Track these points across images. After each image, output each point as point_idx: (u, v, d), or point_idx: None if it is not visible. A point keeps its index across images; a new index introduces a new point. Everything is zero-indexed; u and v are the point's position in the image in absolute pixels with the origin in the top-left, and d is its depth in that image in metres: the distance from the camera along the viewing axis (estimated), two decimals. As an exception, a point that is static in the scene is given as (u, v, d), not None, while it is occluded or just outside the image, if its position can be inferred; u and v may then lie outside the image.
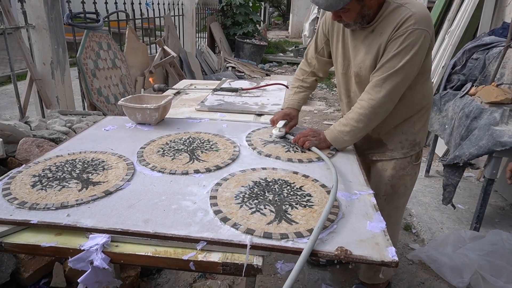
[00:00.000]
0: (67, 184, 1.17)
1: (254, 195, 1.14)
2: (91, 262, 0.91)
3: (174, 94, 2.41)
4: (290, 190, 1.18)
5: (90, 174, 1.24)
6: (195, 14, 6.79)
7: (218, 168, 1.32)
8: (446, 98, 2.80)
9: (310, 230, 0.97)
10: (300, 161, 1.41)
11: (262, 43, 9.18)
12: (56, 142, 2.15)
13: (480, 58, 2.87)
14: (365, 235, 0.97)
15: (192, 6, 6.43)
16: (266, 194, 1.15)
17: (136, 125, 1.74)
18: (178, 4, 6.13)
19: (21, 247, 0.96)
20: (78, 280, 0.95)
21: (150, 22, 5.01)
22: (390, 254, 0.90)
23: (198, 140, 1.57)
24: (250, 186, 1.19)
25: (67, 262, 0.92)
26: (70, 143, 1.52)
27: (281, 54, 10.74)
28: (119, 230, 0.96)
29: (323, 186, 1.22)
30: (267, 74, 7.86)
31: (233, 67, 7.65)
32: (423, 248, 2.35)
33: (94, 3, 3.39)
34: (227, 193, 1.15)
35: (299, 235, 0.95)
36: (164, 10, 5.42)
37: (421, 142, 1.63)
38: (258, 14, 10.57)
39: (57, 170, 1.26)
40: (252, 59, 8.55)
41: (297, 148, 1.53)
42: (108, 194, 1.12)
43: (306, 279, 2.11)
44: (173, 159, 1.37)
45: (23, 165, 1.31)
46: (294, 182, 1.23)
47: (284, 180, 1.24)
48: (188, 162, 1.35)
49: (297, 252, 0.90)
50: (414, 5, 1.35)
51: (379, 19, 1.39)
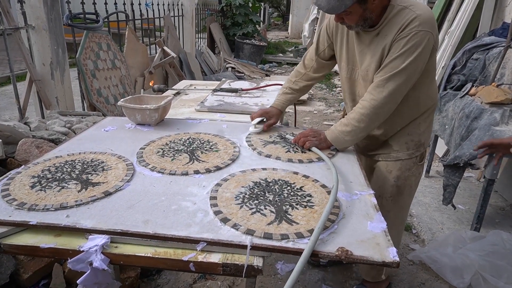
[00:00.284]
0: (67, 185, 1.16)
1: (254, 196, 1.13)
2: (91, 263, 0.90)
3: (174, 95, 2.40)
4: (290, 191, 1.17)
5: (90, 175, 1.23)
6: (195, 14, 6.79)
7: (218, 168, 1.32)
8: (446, 99, 2.80)
9: (310, 231, 0.96)
10: (300, 161, 1.41)
11: (261, 44, 9.18)
12: (55, 142, 2.14)
13: (480, 59, 2.86)
14: (366, 236, 0.97)
15: (191, 6, 6.43)
16: (266, 194, 1.14)
17: (135, 125, 1.74)
18: (177, 4, 6.13)
19: (20, 248, 0.96)
20: (78, 281, 0.94)
21: (150, 22, 5.01)
22: (391, 254, 0.90)
23: (198, 140, 1.56)
24: (250, 187, 1.19)
25: (67, 263, 0.92)
26: (69, 144, 1.52)
27: (280, 55, 10.74)
28: (119, 231, 0.95)
29: (324, 186, 1.21)
30: (267, 75, 7.86)
31: (232, 68, 7.65)
32: (424, 248, 2.34)
33: (94, 4, 3.38)
34: (227, 193, 1.14)
35: (300, 236, 0.95)
36: (164, 10, 5.42)
37: (425, 142, 1.63)
38: (258, 14, 10.58)
39: (56, 171, 1.26)
40: (251, 60, 8.55)
41: (297, 148, 1.53)
42: (107, 195, 1.12)
43: (306, 280, 2.10)
44: (173, 160, 1.37)
45: (22, 166, 1.30)
46: (294, 183, 1.23)
47: (284, 180, 1.24)
48: (188, 163, 1.35)
49: (297, 252, 0.90)
50: (419, 7, 1.35)
51: (384, 22, 1.39)
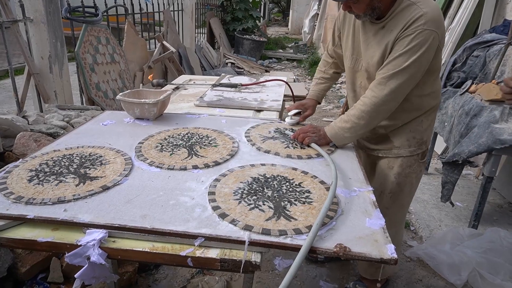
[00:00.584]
0: (64, 179, 1.16)
1: (252, 191, 1.13)
2: (88, 258, 0.90)
3: (173, 89, 2.39)
4: (289, 187, 1.17)
5: (88, 169, 1.23)
6: (195, 9, 6.76)
7: (217, 163, 1.31)
8: (446, 96, 2.79)
9: (309, 227, 0.96)
10: (299, 157, 1.41)
11: (261, 39, 9.15)
12: (53, 136, 2.13)
13: (480, 56, 2.86)
14: (364, 232, 0.97)
15: (191, 1, 6.40)
16: (265, 190, 1.14)
17: (134, 120, 1.73)
18: (177, -1, 6.10)
19: (17, 242, 0.95)
20: (75, 275, 0.94)
21: (149, 17, 4.98)
22: (389, 251, 0.90)
23: (197, 135, 1.56)
24: (249, 182, 1.18)
25: (64, 257, 0.92)
26: (67, 138, 1.51)
27: (280, 51, 10.70)
28: (117, 225, 0.95)
29: (322, 182, 1.21)
30: (267, 70, 7.83)
31: (232, 63, 7.62)
32: (421, 245, 2.35)
33: (93, -3, 3.36)
34: (226, 189, 1.14)
35: (298, 232, 0.94)
36: (163, 5, 5.38)
37: (427, 140, 1.62)
38: (258, 10, 10.53)
39: (54, 164, 1.25)
40: (251, 55, 8.52)
41: (296, 144, 1.52)
42: (105, 189, 1.11)
43: (304, 276, 2.11)
44: (171, 155, 1.36)
45: (20, 159, 1.29)
46: (293, 179, 1.22)
47: (283, 176, 1.23)
48: (186, 158, 1.34)
49: (295, 248, 0.90)
50: (427, 4, 1.33)
51: (391, 16, 1.38)
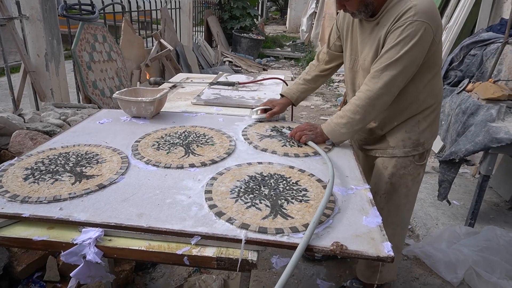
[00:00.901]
0: (60, 177, 1.15)
1: (249, 190, 1.13)
2: (84, 256, 0.90)
3: (170, 88, 2.38)
4: (286, 185, 1.17)
5: (84, 168, 1.22)
6: (192, 7, 6.73)
7: (214, 162, 1.31)
8: (443, 94, 2.80)
9: (305, 225, 0.96)
10: (296, 155, 1.40)
11: (259, 38, 9.13)
12: (50, 135, 2.12)
13: (477, 54, 2.86)
14: (361, 230, 0.97)
15: (189, -1, 6.37)
16: (262, 188, 1.14)
17: (131, 118, 1.72)
18: (175, -3, 6.07)
19: (12, 241, 0.95)
20: (71, 274, 0.94)
21: (147, 15, 4.96)
22: (386, 249, 0.90)
23: (194, 134, 1.55)
24: (246, 181, 1.18)
25: (60, 256, 0.91)
26: (64, 136, 1.50)
27: (278, 49, 10.69)
28: (113, 224, 0.94)
29: (319, 180, 1.21)
30: (264, 69, 7.83)
31: (230, 62, 7.60)
32: (418, 243, 2.36)
33: (90, -5, 3.34)
34: (223, 187, 1.14)
35: (295, 230, 0.94)
36: (160, 2, 5.36)
37: (425, 143, 1.57)
38: (256, 8, 10.50)
39: (50, 163, 1.24)
40: (249, 54, 8.51)
41: (293, 142, 1.52)
42: (101, 187, 1.11)
43: (301, 274, 2.11)
44: (168, 153, 1.36)
45: (16, 157, 1.29)
46: (290, 177, 1.22)
47: (280, 174, 1.23)
48: (183, 156, 1.34)
49: (292, 247, 0.90)
50: None
51: (384, 11, 1.38)
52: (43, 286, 1.69)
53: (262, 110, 1.74)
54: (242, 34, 8.75)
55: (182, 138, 1.50)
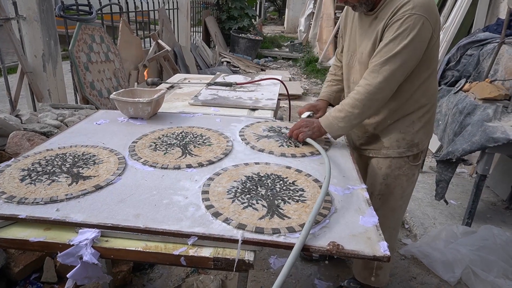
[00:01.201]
0: (57, 178, 1.15)
1: (246, 190, 1.13)
2: (81, 257, 0.90)
3: (168, 88, 2.38)
4: (282, 185, 1.17)
5: (81, 169, 1.22)
6: (190, 7, 6.73)
7: (211, 162, 1.31)
8: (440, 94, 2.81)
9: (302, 225, 0.96)
10: (293, 155, 1.41)
11: (257, 38, 9.14)
12: (47, 135, 2.12)
13: (474, 54, 2.87)
14: (357, 230, 0.97)
15: (187, -1, 6.37)
16: (259, 189, 1.14)
17: (128, 119, 1.72)
18: (172, -3, 6.07)
19: (9, 242, 0.94)
20: (68, 275, 0.93)
21: (144, 15, 4.96)
22: (382, 248, 0.90)
23: (191, 134, 1.55)
24: (243, 181, 1.18)
25: (57, 257, 0.91)
26: (61, 137, 1.50)
27: (276, 49, 10.70)
28: (109, 225, 0.94)
29: (316, 181, 1.21)
30: (262, 69, 7.83)
31: (228, 62, 7.61)
32: (416, 243, 2.37)
33: (87, -5, 3.34)
34: (219, 188, 1.14)
35: (291, 230, 0.95)
36: (158, 3, 5.36)
37: (420, 143, 1.57)
38: (254, 8, 10.51)
39: (47, 164, 1.24)
40: (247, 54, 8.51)
41: (290, 142, 1.52)
42: (98, 188, 1.11)
43: (299, 274, 2.11)
44: (165, 154, 1.36)
45: (12, 158, 1.28)
46: (287, 177, 1.22)
47: (277, 175, 1.24)
48: (180, 157, 1.34)
49: (289, 247, 0.90)
50: None
51: (382, 5, 1.38)
52: (41, 287, 1.69)
53: (308, 116, 1.74)
54: (240, 35, 8.76)
55: (179, 138, 1.50)
